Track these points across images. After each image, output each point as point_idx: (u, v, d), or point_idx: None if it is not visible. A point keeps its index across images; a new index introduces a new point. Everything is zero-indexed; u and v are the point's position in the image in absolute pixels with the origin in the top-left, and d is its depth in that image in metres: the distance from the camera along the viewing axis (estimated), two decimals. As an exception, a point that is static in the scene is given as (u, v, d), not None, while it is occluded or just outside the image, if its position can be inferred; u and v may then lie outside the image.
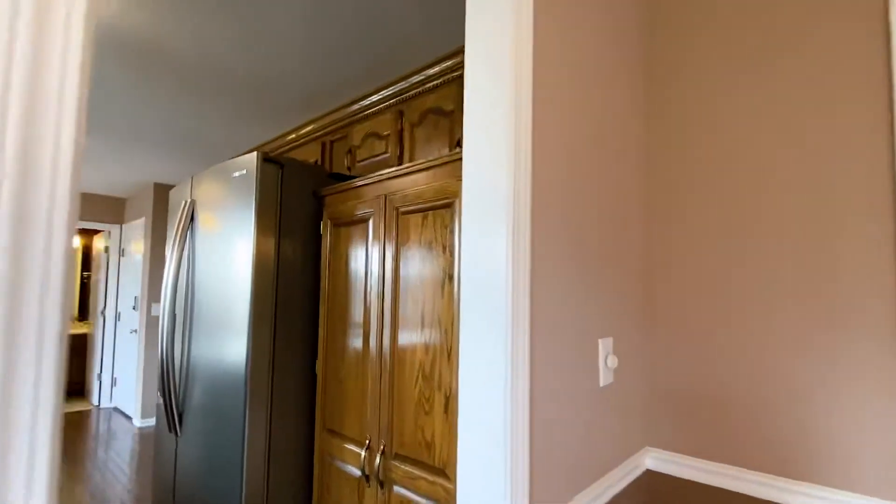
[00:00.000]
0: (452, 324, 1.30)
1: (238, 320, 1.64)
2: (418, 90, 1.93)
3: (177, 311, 1.93)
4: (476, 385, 0.92)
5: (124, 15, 1.95)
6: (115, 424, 4.95)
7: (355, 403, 1.60)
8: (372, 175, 1.60)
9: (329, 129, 2.50)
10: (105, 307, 5.82)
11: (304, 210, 1.83)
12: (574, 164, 1.09)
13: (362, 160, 2.24)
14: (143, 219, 5.20)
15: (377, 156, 2.15)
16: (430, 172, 1.42)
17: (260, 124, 3.19)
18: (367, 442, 1.52)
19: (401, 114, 2.05)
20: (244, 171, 1.73)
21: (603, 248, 1.19)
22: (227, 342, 1.66)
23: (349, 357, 1.64)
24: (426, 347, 1.37)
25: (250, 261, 1.63)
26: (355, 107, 2.27)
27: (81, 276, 6.97)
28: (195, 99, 2.79)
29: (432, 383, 1.34)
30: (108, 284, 5.81)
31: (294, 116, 3.04)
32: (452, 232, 1.34)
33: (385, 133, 2.12)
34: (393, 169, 1.53)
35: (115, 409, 5.56)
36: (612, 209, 1.23)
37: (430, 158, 1.41)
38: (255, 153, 1.71)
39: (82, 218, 5.59)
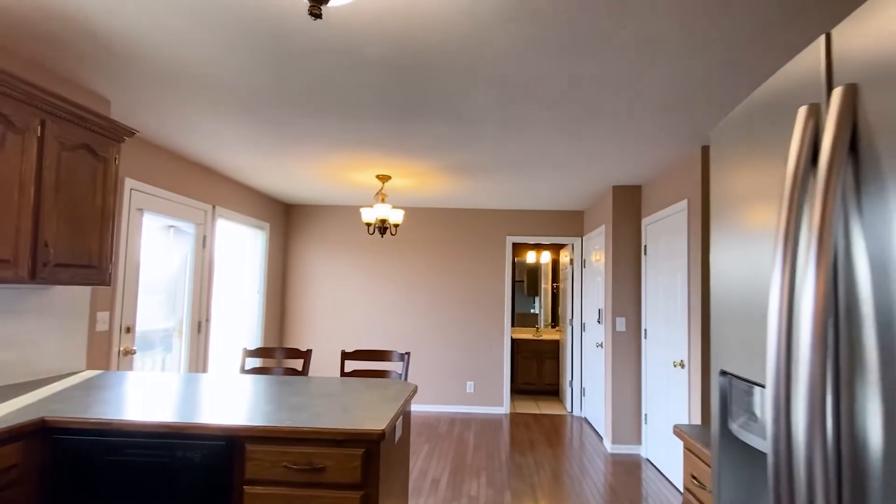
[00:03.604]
0: None
1: None
2: None
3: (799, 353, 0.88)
4: None
5: None
6: (586, 439, 4.54)
7: None
8: None
9: None
10: (572, 317, 5.70)
11: None
12: None
13: None
14: (602, 227, 4.68)
15: None
16: None
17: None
18: None
19: None
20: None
21: None
22: None
23: None
24: None
25: None
26: None
27: (552, 286, 7.31)
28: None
29: None
30: (574, 295, 5.66)
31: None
32: None
33: None
34: None
35: (585, 421, 5.25)
36: None
37: None
38: None
39: (549, 234, 5.67)
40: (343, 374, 2.89)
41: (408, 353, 2.90)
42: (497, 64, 2.12)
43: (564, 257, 6.24)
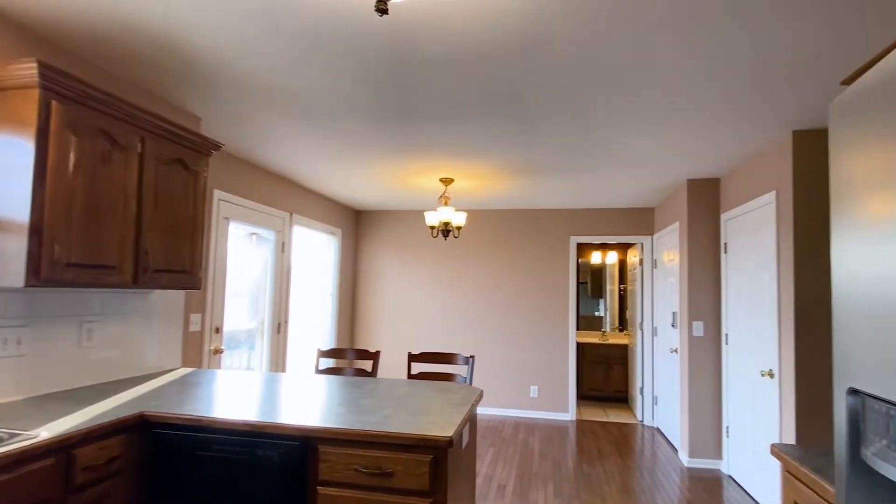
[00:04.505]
0: None
1: None
2: None
3: None
4: None
5: None
6: (659, 451, 4.22)
7: None
8: None
9: None
10: (642, 320, 5.35)
11: None
12: None
13: None
14: (675, 224, 4.35)
15: None
16: None
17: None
18: None
19: None
20: None
21: None
22: None
23: None
24: None
25: None
26: None
27: (619, 288, 6.95)
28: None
29: None
30: (644, 297, 5.32)
31: None
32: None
33: None
34: None
35: (658, 431, 4.90)
36: None
37: None
38: None
39: (616, 233, 5.37)
40: (410, 375, 2.87)
41: (472, 357, 2.82)
42: (560, 54, 2.00)
43: (633, 257, 5.88)
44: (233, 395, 1.99)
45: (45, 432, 1.45)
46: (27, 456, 1.33)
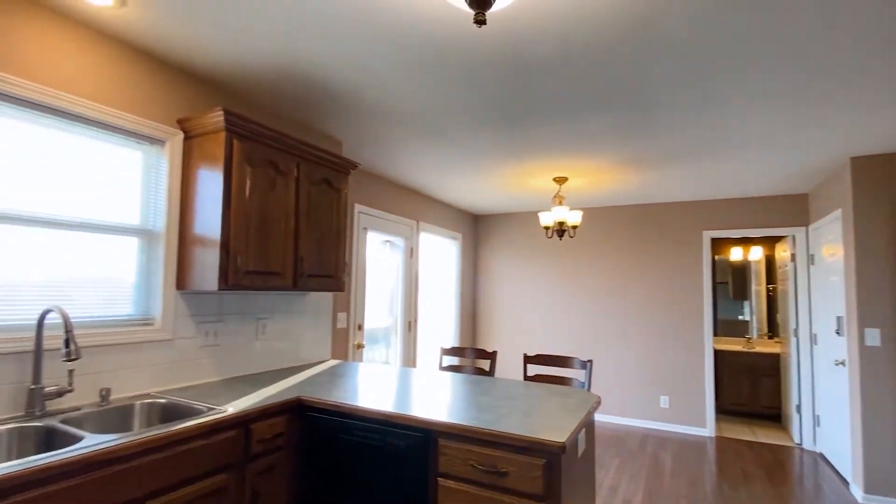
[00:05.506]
0: None
1: None
2: None
3: None
4: None
5: None
6: (824, 482, 3.51)
7: None
8: None
9: None
10: (797, 326, 4.51)
11: None
12: None
13: None
14: (837, 212, 3.58)
15: None
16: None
17: None
18: None
19: None
20: None
21: None
22: None
23: None
24: None
25: None
26: None
27: (767, 289, 5.95)
28: None
29: None
30: (799, 299, 4.47)
31: None
32: None
33: None
34: None
35: (821, 458, 4.07)
36: None
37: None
38: None
39: (759, 225, 4.61)
40: (525, 377, 2.82)
41: (590, 361, 2.67)
42: (676, 36, 1.79)
43: (782, 252, 4.99)
44: (370, 387, 2.18)
45: (231, 408, 1.75)
46: (219, 426, 1.62)
